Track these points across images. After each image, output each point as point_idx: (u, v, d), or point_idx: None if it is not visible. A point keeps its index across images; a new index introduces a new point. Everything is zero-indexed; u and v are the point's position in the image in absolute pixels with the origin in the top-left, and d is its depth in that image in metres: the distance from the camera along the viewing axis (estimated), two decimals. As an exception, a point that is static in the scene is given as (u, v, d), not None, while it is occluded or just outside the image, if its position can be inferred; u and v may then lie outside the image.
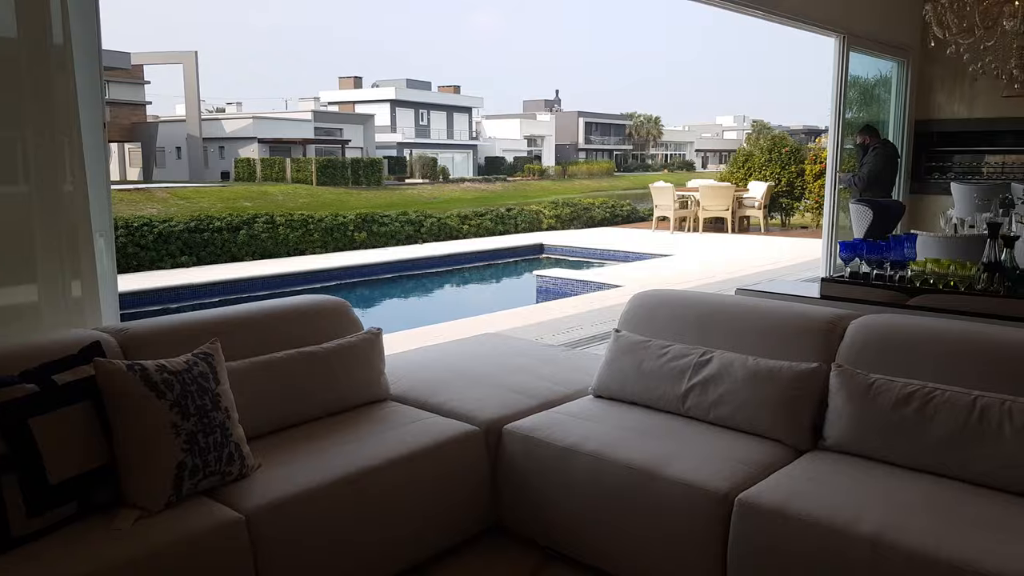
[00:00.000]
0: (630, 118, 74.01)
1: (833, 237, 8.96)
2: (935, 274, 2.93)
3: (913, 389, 2.36)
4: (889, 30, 9.35)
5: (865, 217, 5.45)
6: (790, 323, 2.83)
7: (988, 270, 2.79)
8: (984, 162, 9.83)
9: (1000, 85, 9.04)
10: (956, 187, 7.99)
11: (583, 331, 6.41)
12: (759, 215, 14.75)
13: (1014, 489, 2.12)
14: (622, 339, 3.14)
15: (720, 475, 2.36)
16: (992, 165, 9.77)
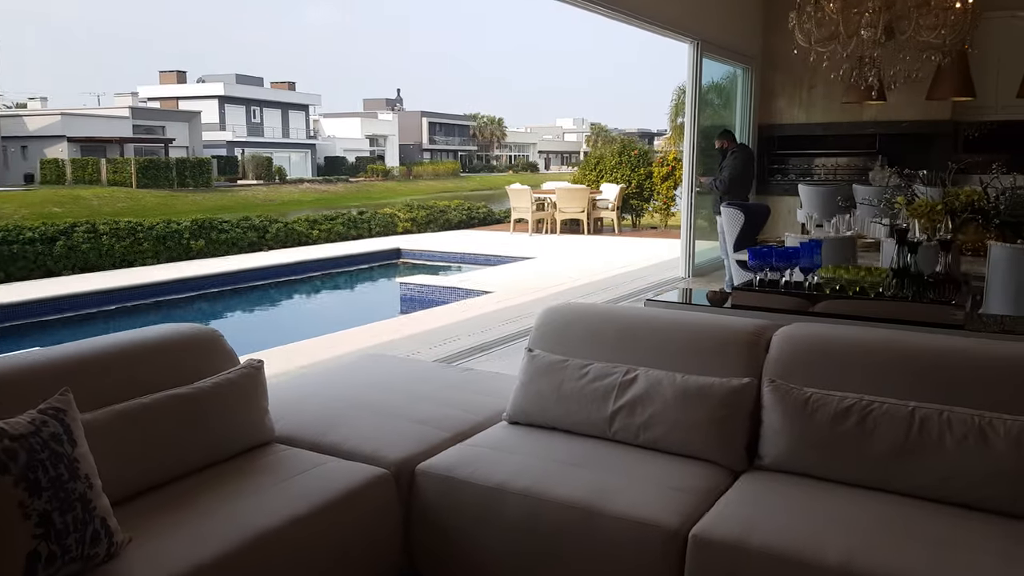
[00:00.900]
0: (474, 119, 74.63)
1: (691, 238, 9.34)
2: (845, 280, 2.97)
3: (851, 403, 2.34)
4: (736, 38, 9.87)
5: (737, 220, 5.63)
6: (713, 336, 2.76)
7: (897, 275, 2.87)
8: (816, 165, 10.62)
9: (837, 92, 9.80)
10: (803, 189, 8.53)
11: (460, 342, 6.18)
12: (612, 216, 15.18)
13: (959, 501, 2.14)
14: (537, 359, 2.95)
15: (668, 508, 2.23)
16: (825, 167, 10.58)
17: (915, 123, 9.50)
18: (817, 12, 4.99)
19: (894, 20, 4.79)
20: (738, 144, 7.80)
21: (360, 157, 53.63)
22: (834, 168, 10.51)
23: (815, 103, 10.26)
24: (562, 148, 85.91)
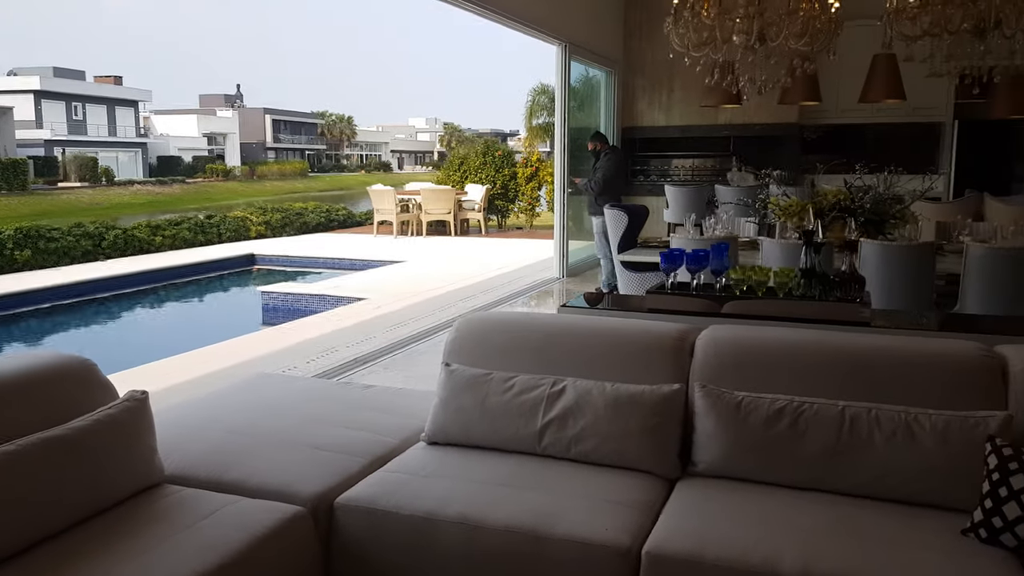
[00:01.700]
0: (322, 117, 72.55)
1: (564, 239, 9.48)
2: (755, 281, 3.05)
3: (782, 405, 2.38)
4: (601, 42, 10.12)
5: (621, 222, 5.73)
6: (638, 342, 2.73)
7: (805, 275, 2.98)
8: (675, 166, 11.10)
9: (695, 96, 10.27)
10: (670, 189, 8.87)
11: (341, 354, 5.89)
12: (479, 217, 15.18)
13: (894, 497, 2.22)
14: (457, 373, 2.81)
15: (615, 525, 2.16)
16: (684, 168, 11.07)
17: (766, 126, 10.13)
18: (694, 18, 5.15)
19: (765, 27, 5.03)
20: (611, 146, 7.97)
21: (198, 156, 50.62)
22: (691, 169, 11.03)
23: (674, 106, 10.71)
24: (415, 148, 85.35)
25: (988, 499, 1.99)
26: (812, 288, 2.95)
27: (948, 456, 2.17)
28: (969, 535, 2.03)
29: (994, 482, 1.99)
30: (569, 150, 9.11)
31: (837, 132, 10.81)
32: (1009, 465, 1.98)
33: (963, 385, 2.31)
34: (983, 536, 1.99)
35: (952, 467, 2.15)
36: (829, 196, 5.28)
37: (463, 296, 8.40)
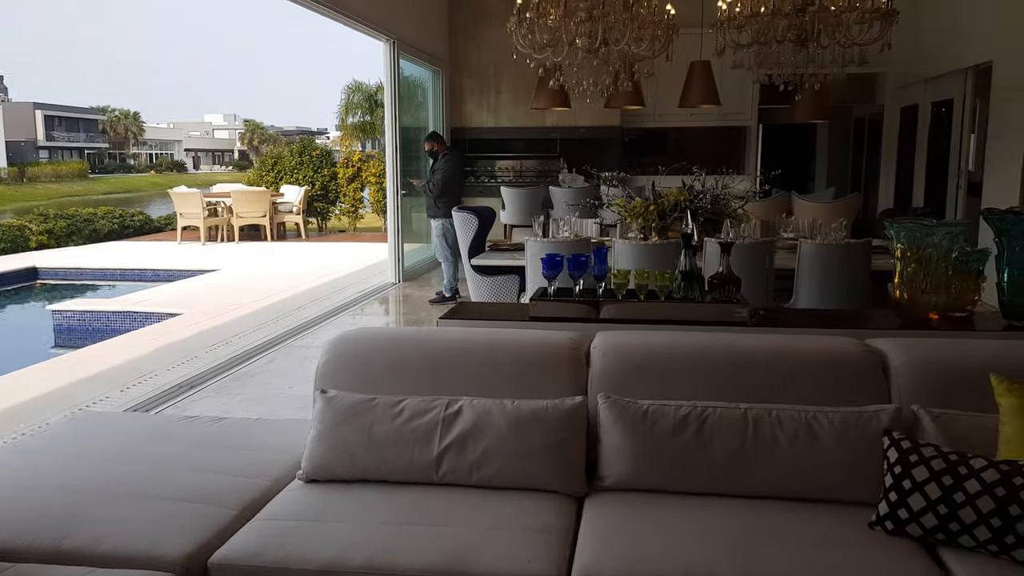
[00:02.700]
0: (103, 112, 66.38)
1: (399, 242, 9.24)
2: (639, 285, 3.05)
3: (687, 411, 2.38)
4: (428, 41, 9.97)
5: (471, 225, 5.62)
6: (532, 354, 2.63)
7: (685, 278, 3.03)
8: (505, 167, 11.22)
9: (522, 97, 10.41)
10: (507, 191, 8.92)
11: (162, 379, 5.32)
12: (297, 220, 14.49)
13: (800, 496, 2.28)
14: (336, 401, 2.55)
15: (538, 556, 2.05)
16: (514, 170, 11.20)
17: (591, 128, 10.48)
18: (539, 19, 5.15)
19: (607, 31, 5.13)
20: (448, 147, 7.85)
21: (-49, 156, 44.48)
22: (520, 170, 11.18)
23: (502, 108, 10.80)
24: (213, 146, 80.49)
25: (892, 492, 2.09)
26: (692, 290, 3.00)
27: (848, 452, 2.25)
28: (876, 528, 2.11)
29: (897, 475, 2.09)
30: (399, 150, 8.89)
31: (656, 134, 11.44)
32: (910, 458, 2.09)
33: (851, 381, 2.43)
34: (889, 528, 2.09)
35: (852, 462, 2.24)
36: (670, 197, 5.50)
37: (293, 307, 7.93)
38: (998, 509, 1.92)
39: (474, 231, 5.59)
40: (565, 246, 4.80)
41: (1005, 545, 1.91)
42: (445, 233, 7.72)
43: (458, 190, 7.71)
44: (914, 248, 2.78)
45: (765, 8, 5.06)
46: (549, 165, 11.04)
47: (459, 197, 7.69)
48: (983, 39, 7.00)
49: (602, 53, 5.24)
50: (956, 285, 2.81)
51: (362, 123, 21.74)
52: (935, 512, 2.01)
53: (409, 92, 10.16)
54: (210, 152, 79.99)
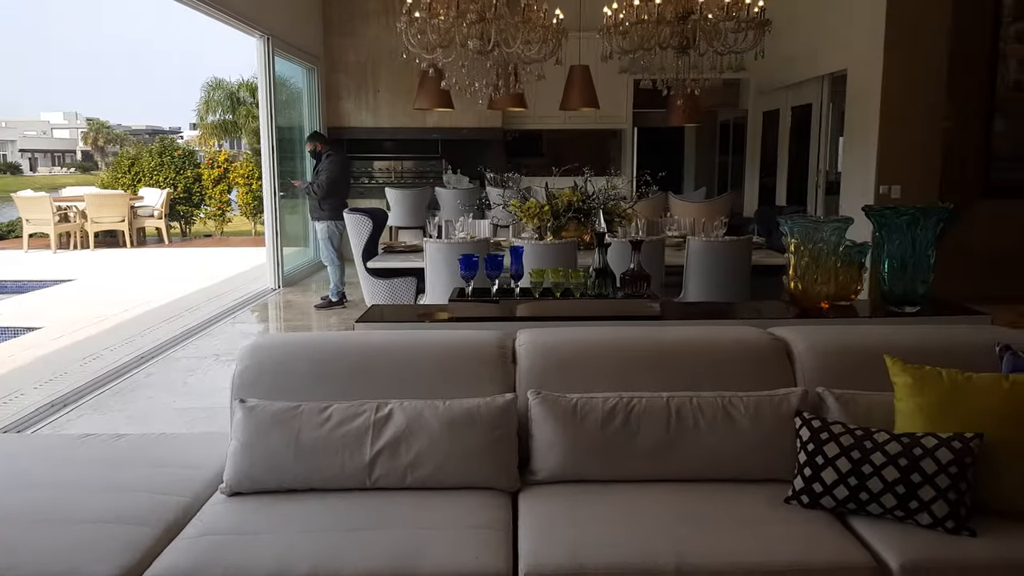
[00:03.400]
0: (-81, 108, 60.08)
1: (278, 247, 8.95)
2: (553, 283, 3.14)
3: (614, 403, 2.49)
4: (303, 37, 9.72)
5: (365, 227, 5.55)
6: (459, 354, 2.67)
7: (599, 275, 3.14)
8: (386, 168, 11.11)
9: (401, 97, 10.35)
10: (392, 192, 8.84)
11: (30, 397, 4.97)
12: (159, 224, 13.72)
13: (721, 477, 2.44)
14: (258, 410, 2.49)
15: (484, 551, 2.09)
16: (396, 171, 11.12)
17: (473, 130, 10.57)
18: (432, 18, 5.17)
19: (499, 33, 5.22)
20: (333, 147, 7.70)
21: None
22: (400, 171, 11.12)
23: (381, 107, 10.69)
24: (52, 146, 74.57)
25: (807, 468, 2.27)
26: (606, 287, 3.13)
27: (763, 433, 2.43)
28: (792, 502, 2.29)
29: (810, 452, 2.28)
30: (255, 149, 8.63)
31: (537, 136, 11.68)
32: (821, 435, 2.28)
33: (760, 367, 2.62)
34: (805, 502, 2.27)
35: (767, 443, 2.42)
36: (563, 198, 5.66)
37: (165, 316, 7.54)
38: (902, 478, 2.14)
39: (368, 233, 5.53)
40: (466, 247, 4.85)
41: (909, 510, 2.13)
42: (331, 236, 7.57)
43: (344, 191, 7.58)
44: (807, 243, 3.03)
45: (648, 16, 5.31)
46: (430, 166, 11.04)
47: (345, 198, 7.56)
48: (838, 49, 7.63)
49: (495, 55, 5.31)
50: (843, 276, 3.08)
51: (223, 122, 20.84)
52: (846, 484, 2.21)
53: (282, 90, 9.88)
54: (49, 153, 74.11)
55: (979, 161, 7.28)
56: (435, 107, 8.01)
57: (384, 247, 5.95)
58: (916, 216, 2.97)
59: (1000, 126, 7.20)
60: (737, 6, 5.21)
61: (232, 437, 2.49)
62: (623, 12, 5.44)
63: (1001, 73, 7.08)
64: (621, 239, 5.08)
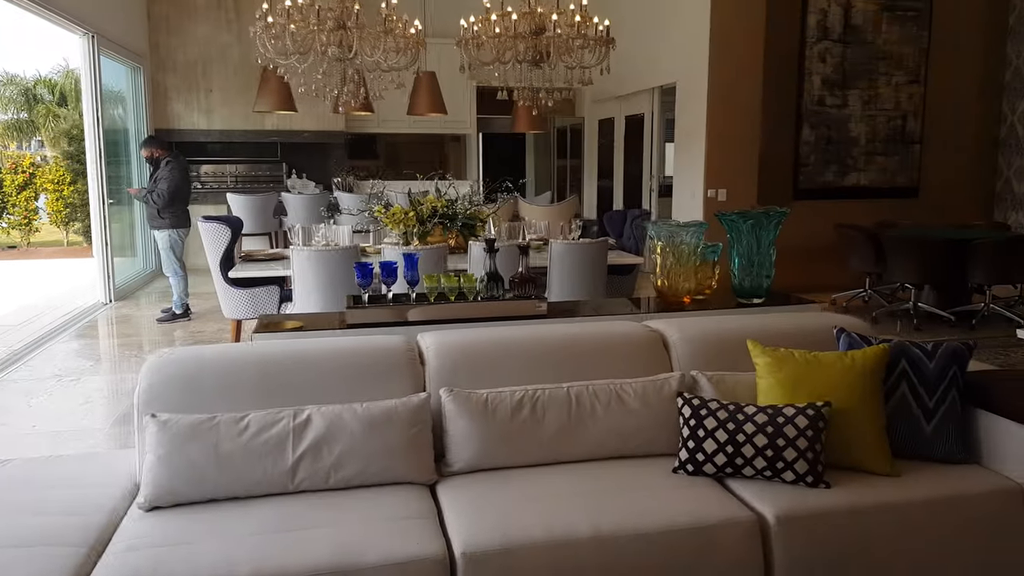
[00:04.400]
0: None
1: (109, 258, 8.46)
2: (447, 288, 3.35)
3: (521, 395, 2.75)
4: (127, 34, 9.22)
5: (223, 236, 5.45)
6: (370, 357, 2.81)
7: (490, 279, 3.38)
8: (221, 172, 10.76)
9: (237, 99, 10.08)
10: (234, 198, 8.61)
11: None
12: (-47, 237, 12.42)
13: (617, 455, 2.76)
14: (172, 424, 2.52)
15: (421, 539, 2.27)
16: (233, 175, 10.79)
17: (315, 133, 10.49)
18: (289, 24, 5.19)
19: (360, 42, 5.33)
20: (172, 152, 7.41)
21: None
22: (236, 175, 10.81)
23: (215, 109, 10.35)
24: None
25: (690, 440, 2.65)
26: (496, 289, 3.38)
27: (650, 414, 2.78)
28: (679, 472, 2.66)
29: (692, 427, 2.66)
30: (68, 153, 8.17)
31: (380, 140, 11.76)
32: (700, 412, 2.67)
33: (642, 355, 2.97)
34: (690, 470, 2.64)
35: (654, 422, 2.78)
36: (428, 204, 5.87)
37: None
38: (769, 443, 2.56)
39: (227, 242, 5.45)
40: (336, 254, 4.93)
41: (776, 470, 2.55)
42: (174, 245, 7.30)
43: (186, 198, 7.33)
44: (671, 244, 3.45)
45: (504, 31, 5.63)
46: (269, 170, 10.82)
47: (186, 206, 7.32)
48: (668, 64, 8.37)
49: (358, 62, 5.42)
50: (700, 273, 3.53)
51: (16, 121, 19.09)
52: (724, 452, 2.60)
53: (103, 90, 9.32)
54: None
55: (790, 167, 8.27)
56: (277, 109, 7.92)
57: (242, 256, 5.87)
58: (760, 219, 3.47)
59: (807, 135, 8.23)
60: (585, 24, 5.67)
61: (146, 452, 2.50)
62: (479, 25, 5.73)
63: (807, 88, 8.10)
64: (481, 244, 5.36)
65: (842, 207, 8.37)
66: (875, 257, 7.21)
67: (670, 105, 8.50)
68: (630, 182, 9.72)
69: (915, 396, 2.74)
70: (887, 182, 8.64)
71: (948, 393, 2.73)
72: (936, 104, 8.73)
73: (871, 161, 8.53)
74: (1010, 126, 8.93)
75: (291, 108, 7.92)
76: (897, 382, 2.76)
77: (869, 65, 8.26)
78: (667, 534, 2.35)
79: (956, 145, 8.93)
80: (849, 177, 8.49)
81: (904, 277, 7.02)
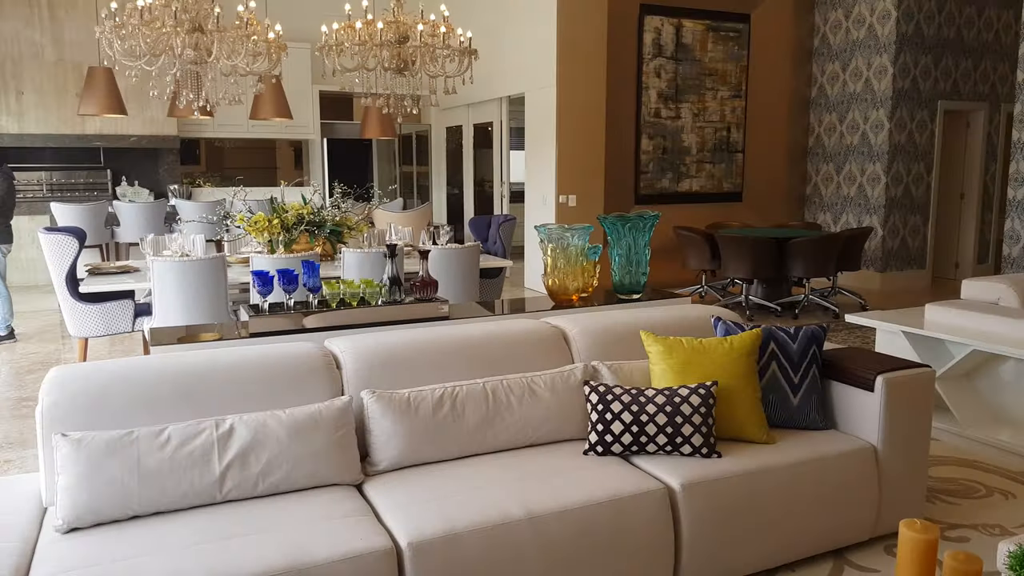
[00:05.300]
0: None
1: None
2: (349, 294, 3.43)
3: (441, 392, 2.91)
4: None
5: (70, 249, 5.12)
6: (287, 365, 2.86)
7: (392, 283, 3.49)
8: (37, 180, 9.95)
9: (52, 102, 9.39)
10: (61, 208, 8.01)
11: None
12: None
13: (532, 443, 2.98)
14: (87, 442, 2.46)
15: (364, 535, 2.38)
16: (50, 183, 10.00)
17: (144, 137, 9.95)
18: (144, 26, 5.01)
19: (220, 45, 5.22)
20: None
21: None
22: (52, 183, 10.04)
23: (28, 112, 9.56)
24: None
25: (599, 424, 2.93)
26: (397, 294, 3.51)
27: (560, 402, 3.04)
28: (589, 453, 2.93)
29: (600, 411, 2.94)
30: None
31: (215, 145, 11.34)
32: (606, 397, 2.95)
33: (547, 350, 3.22)
34: (599, 451, 2.92)
35: (564, 410, 3.03)
36: (293, 212, 5.83)
37: None
38: (669, 421, 2.88)
39: (74, 255, 5.16)
40: (205, 264, 4.82)
41: (676, 444, 2.88)
42: (-5, 262, 6.72)
43: (10, 212, 6.78)
44: (560, 246, 3.73)
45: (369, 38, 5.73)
46: (92, 177, 10.14)
47: (10, 220, 6.78)
48: (516, 75, 8.75)
49: (222, 66, 5.31)
50: (585, 272, 3.84)
51: None
52: (630, 432, 2.90)
53: None
54: None
55: (631, 174, 8.90)
56: (105, 112, 7.51)
57: (89, 269, 5.56)
58: (636, 222, 3.83)
59: (646, 145, 8.90)
60: (448, 35, 5.88)
61: (58, 472, 2.43)
62: (343, 32, 5.79)
63: (645, 101, 8.77)
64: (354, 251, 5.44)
65: (678, 211, 9.12)
66: (710, 256, 7.95)
67: (517, 114, 8.89)
68: (480, 189, 10.03)
69: (783, 373, 3.18)
70: (716, 187, 9.51)
71: (810, 369, 3.19)
72: (755, 117, 9.74)
73: (701, 168, 9.37)
74: (816, 137, 10.12)
75: (120, 111, 7.53)
76: (768, 362, 3.20)
77: (698, 81, 9.09)
78: (589, 508, 2.61)
79: (772, 154, 9.99)
80: (683, 183, 9.28)
81: (736, 273, 7.80)
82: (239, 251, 6.32)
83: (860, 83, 9.46)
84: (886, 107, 9.20)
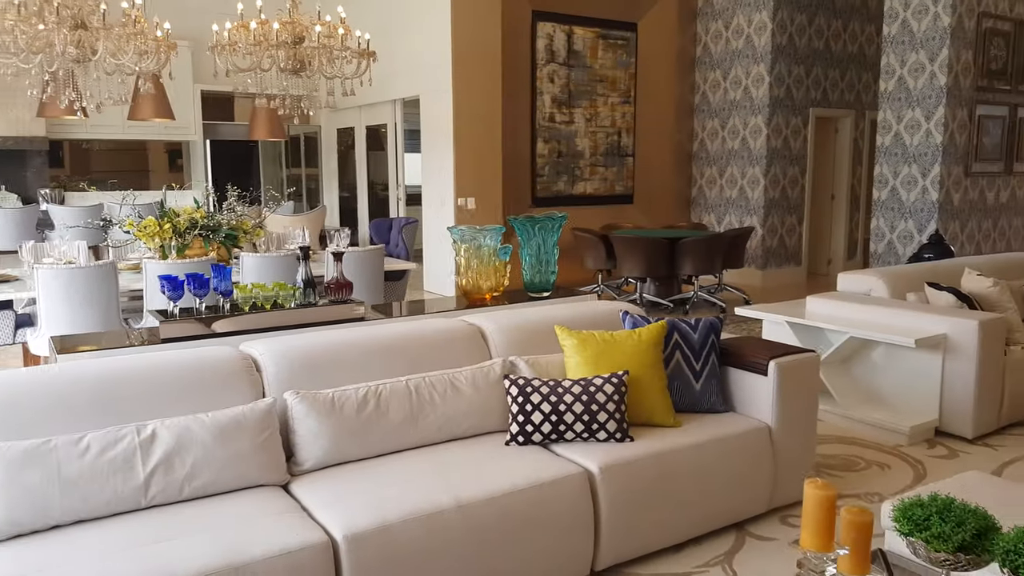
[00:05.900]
0: None
1: None
2: (263, 297, 3.45)
3: (364, 391, 3.00)
4: None
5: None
6: (206, 368, 2.88)
7: (306, 286, 3.53)
8: None
9: None
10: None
11: None
12: None
13: (457, 436, 3.11)
14: (3, 451, 2.43)
15: (299, 530, 2.46)
16: None
17: (9, 139, 9.41)
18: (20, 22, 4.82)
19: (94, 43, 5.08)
20: None
21: None
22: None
23: None
24: None
25: (519, 415, 3.09)
26: (312, 296, 3.56)
27: (480, 397, 3.18)
28: (511, 444, 3.10)
29: (520, 403, 3.11)
30: None
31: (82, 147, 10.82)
32: (526, 390, 3.13)
33: (466, 346, 3.36)
34: (520, 441, 3.09)
35: (486, 404, 3.18)
36: (185, 216, 5.73)
37: None
38: (585, 409, 3.08)
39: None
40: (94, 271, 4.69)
41: (592, 431, 3.09)
42: None
43: None
44: (473, 247, 3.88)
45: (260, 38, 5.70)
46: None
47: None
48: (410, 78, 8.83)
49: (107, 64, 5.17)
50: (497, 272, 4.01)
51: None
52: (549, 421, 3.08)
53: None
54: None
55: (528, 177, 9.16)
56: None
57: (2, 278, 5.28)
58: (545, 223, 4.03)
59: (541, 148, 9.18)
60: (346, 36, 5.93)
61: (-26, 486, 2.38)
62: (236, 32, 5.74)
63: (539, 106, 9.05)
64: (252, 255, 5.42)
65: (574, 212, 9.40)
66: (606, 256, 8.30)
67: (412, 116, 8.98)
68: (374, 191, 10.04)
69: (686, 361, 3.45)
70: (608, 190, 9.91)
71: (710, 357, 3.48)
72: (644, 122, 10.21)
73: (595, 172, 9.74)
74: (700, 141, 10.71)
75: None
76: (672, 351, 3.46)
77: (590, 87, 9.46)
78: (513, 495, 2.77)
79: (660, 157, 10.50)
80: (578, 186, 9.62)
81: (630, 272, 8.17)
82: (126, 257, 6.14)
83: (740, 91, 10.09)
84: (763, 113, 9.85)
